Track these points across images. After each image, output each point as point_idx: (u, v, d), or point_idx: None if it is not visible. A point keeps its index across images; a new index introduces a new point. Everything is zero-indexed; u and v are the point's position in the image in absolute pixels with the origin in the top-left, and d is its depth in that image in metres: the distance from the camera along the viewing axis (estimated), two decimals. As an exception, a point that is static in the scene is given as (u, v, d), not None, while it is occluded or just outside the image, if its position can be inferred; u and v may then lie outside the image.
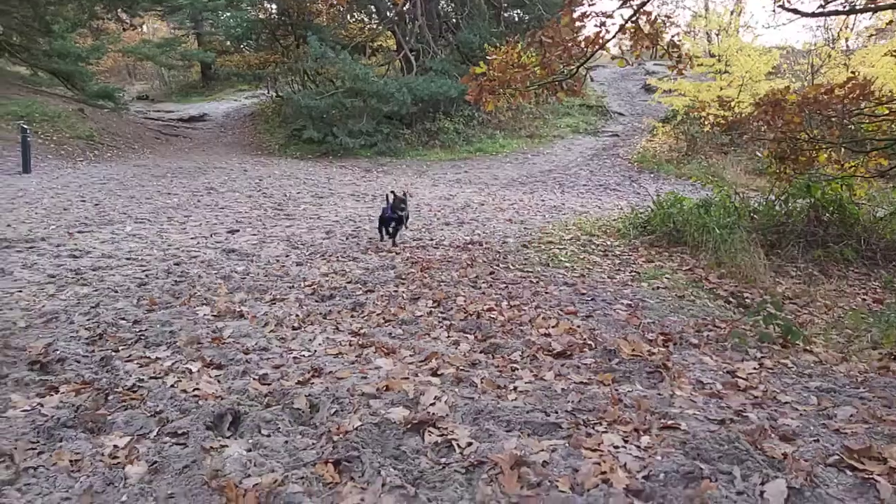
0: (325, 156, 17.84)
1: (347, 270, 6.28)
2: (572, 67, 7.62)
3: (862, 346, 5.25)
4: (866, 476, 2.50)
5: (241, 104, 25.56)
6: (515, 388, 3.43)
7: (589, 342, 4.29)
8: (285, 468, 2.55)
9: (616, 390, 3.40)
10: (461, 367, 3.75)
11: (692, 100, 16.38)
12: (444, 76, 18.34)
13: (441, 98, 18.29)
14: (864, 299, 7.51)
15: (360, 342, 4.21)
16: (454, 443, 2.77)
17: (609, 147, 18.04)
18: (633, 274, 6.90)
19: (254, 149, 19.55)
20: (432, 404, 3.14)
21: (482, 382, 3.48)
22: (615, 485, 2.37)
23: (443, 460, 2.66)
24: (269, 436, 2.85)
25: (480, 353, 4.09)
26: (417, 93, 18.02)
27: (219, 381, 3.49)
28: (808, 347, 4.58)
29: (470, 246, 7.81)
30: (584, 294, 5.75)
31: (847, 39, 25.18)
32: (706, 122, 15.69)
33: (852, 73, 9.28)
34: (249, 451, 2.68)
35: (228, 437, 2.86)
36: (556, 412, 3.10)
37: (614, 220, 9.66)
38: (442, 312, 4.99)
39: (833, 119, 8.18)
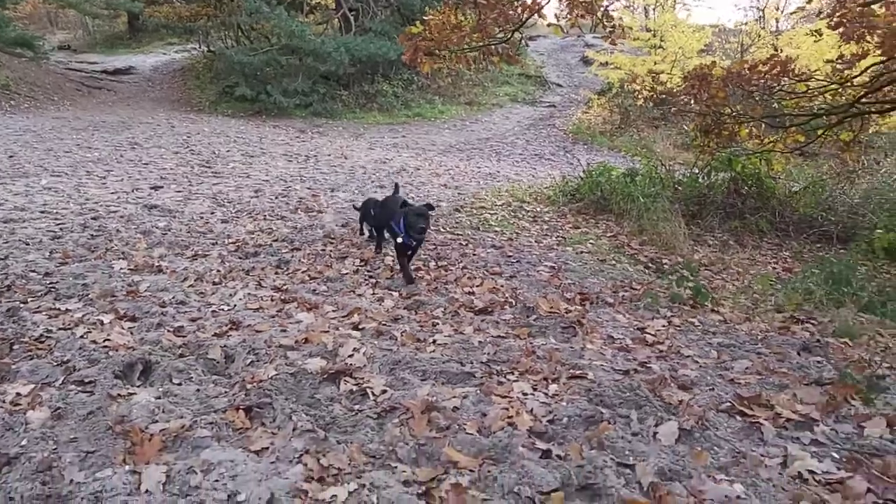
0: (258, 114, 17.31)
1: (274, 229, 6.18)
2: (508, 32, 7.62)
3: (766, 309, 5.57)
4: (753, 420, 2.68)
5: (171, 58, 24.39)
6: (435, 342, 3.50)
7: (510, 300, 4.41)
8: (195, 414, 2.53)
9: (531, 343, 3.52)
10: (383, 322, 3.79)
11: (627, 73, 16.68)
12: (384, 38, 17.98)
13: (380, 60, 17.96)
14: (775, 268, 7.94)
15: (282, 298, 4.18)
16: (369, 391, 2.81)
17: (546, 117, 18.22)
18: (560, 239, 7.07)
19: (183, 105, 18.77)
20: (350, 356, 3.17)
21: (402, 336, 3.53)
22: (519, 427, 2.47)
23: (356, 407, 2.71)
24: (180, 384, 2.82)
25: (404, 309, 4.14)
26: (356, 53, 17.65)
27: (131, 333, 3.41)
28: (715, 308, 4.84)
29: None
30: (510, 256, 5.86)
31: (777, 21, 26.11)
32: (639, 96, 16.05)
33: (775, 50, 9.65)
34: (159, 398, 2.65)
35: (138, 386, 2.81)
36: (472, 363, 3.18)
37: (546, 188, 9.82)
38: (369, 271, 5.00)
39: (755, 95, 8.51)
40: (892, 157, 13.83)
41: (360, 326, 3.66)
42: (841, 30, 7.11)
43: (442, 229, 6.78)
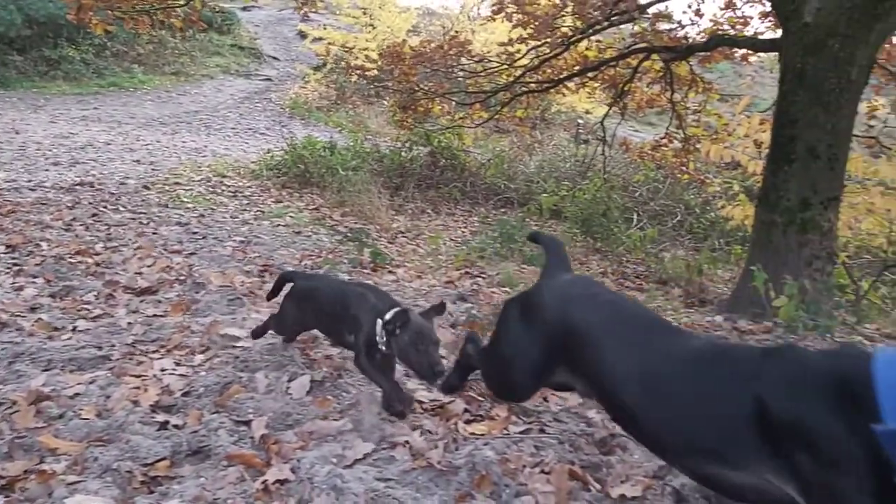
0: None
1: None
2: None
3: (446, 267, 6.14)
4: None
5: None
6: (75, 328, 3.19)
7: (182, 278, 4.21)
8: None
9: (189, 319, 3.40)
10: (15, 313, 3.34)
11: (340, 49, 16.90)
12: (66, -4, 15.73)
13: (63, 22, 15.66)
14: (464, 231, 8.78)
15: None
16: (-30, 390, 2.47)
17: (262, 91, 17.67)
18: (259, 213, 6.96)
19: None
20: (-43, 354, 2.75)
21: (32, 325, 3.16)
22: (142, 403, 2.38)
23: (-50, 410, 2.36)
24: None
25: (48, 296, 3.70)
26: (30, 13, 15.24)
27: None
28: (391, 270, 5.19)
29: (78, 187, 6.97)
30: (196, 233, 5.60)
31: (478, 8, 28.52)
32: (353, 73, 16.40)
33: (455, 32, 10.53)
34: None
35: None
36: (112, 346, 2.97)
37: (252, 162, 9.56)
38: (14, 258, 4.37)
39: (440, 72, 9.22)
40: (566, 132, 16.15)
41: (-18, 320, 3.19)
42: (502, 14, 8.03)
43: (122, 208, 6.22)
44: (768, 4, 6.80)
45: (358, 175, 8.30)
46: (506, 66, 8.81)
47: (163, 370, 2.71)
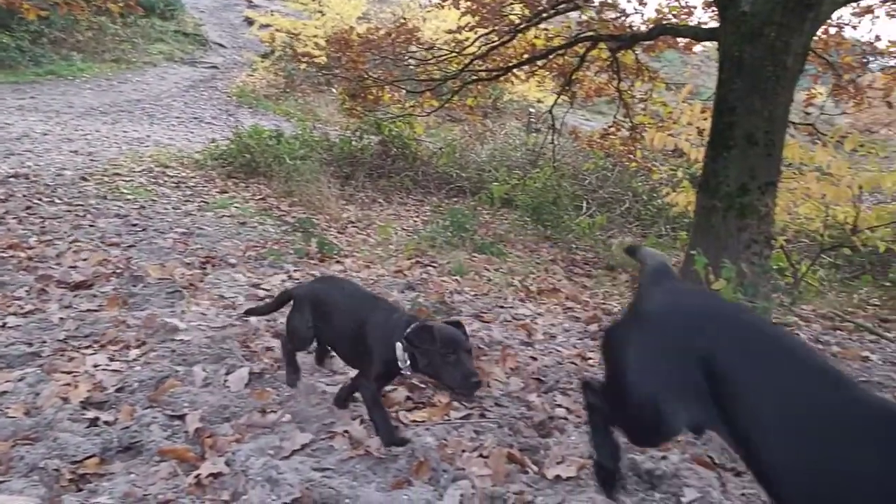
0: None
1: None
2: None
3: (396, 256, 6.11)
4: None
5: None
6: (4, 325, 3.07)
7: (119, 271, 4.08)
8: None
9: (125, 313, 3.31)
10: (-61, 310, 3.20)
11: (287, 36, 16.59)
12: (-4, -21, 14.97)
13: (-6, 6, 14.98)
14: (416, 221, 8.75)
15: None
16: None
17: (208, 79, 17.20)
18: (202, 204, 6.79)
19: None
20: None
21: (-42, 323, 3.03)
22: (72, 400, 2.30)
23: None
24: None
25: (-24, 294, 3.55)
26: (-43, -4, 14.47)
27: None
28: (339, 260, 5.14)
29: (11, 179, 6.67)
30: (135, 225, 5.43)
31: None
32: (300, 60, 16.12)
33: (404, 20, 10.43)
34: None
35: None
36: (43, 342, 2.87)
37: (197, 152, 9.32)
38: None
39: (389, 60, 9.13)
40: (518, 121, 16.23)
41: None
42: (450, 1, 7.99)
43: (57, 200, 5.98)
44: (710, -6, 6.94)
45: (306, 164, 8.17)
46: (455, 54, 8.77)
47: (95, 366, 2.63)
